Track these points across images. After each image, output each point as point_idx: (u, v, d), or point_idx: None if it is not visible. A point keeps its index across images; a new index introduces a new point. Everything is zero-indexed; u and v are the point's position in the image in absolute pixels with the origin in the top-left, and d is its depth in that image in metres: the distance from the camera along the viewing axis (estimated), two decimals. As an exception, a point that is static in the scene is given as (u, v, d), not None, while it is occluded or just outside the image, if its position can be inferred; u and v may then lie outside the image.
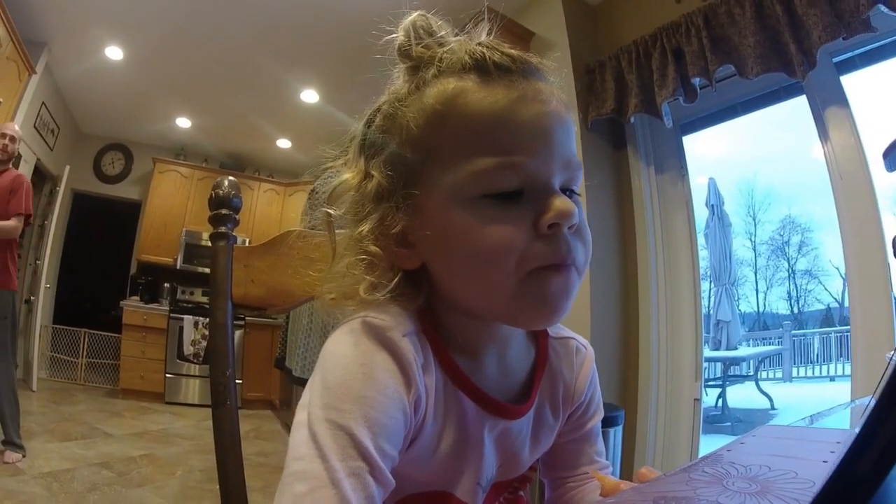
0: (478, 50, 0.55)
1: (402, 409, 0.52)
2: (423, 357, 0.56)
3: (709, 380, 6.15)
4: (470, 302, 0.57)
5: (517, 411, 0.62)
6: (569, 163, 0.56)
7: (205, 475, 3.46)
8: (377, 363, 0.52)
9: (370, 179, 0.58)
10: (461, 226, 0.52)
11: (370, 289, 0.58)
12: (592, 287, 2.95)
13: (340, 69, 4.52)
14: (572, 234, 0.55)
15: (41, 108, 5.09)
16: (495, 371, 0.62)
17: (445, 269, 0.57)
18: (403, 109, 0.56)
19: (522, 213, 0.52)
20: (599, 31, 3.52)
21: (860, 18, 2.18)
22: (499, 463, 0.64)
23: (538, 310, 0.55)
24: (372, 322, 0.54)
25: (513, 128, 0.52)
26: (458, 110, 0.53)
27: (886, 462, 0.23)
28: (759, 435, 0.63)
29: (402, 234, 0.57)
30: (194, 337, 5.98)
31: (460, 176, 0.52)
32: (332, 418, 0.48)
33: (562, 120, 0.56)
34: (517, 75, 0.54)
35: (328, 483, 0.45)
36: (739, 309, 8.26)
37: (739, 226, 14.94)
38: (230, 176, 1.01)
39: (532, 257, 0.52)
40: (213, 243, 0.90)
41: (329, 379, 0.51)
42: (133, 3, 3.97)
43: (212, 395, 0.83)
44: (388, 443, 0.49)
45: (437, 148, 0.54)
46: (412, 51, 0.58)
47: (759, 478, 0.42)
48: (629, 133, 3.29)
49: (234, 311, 0.89)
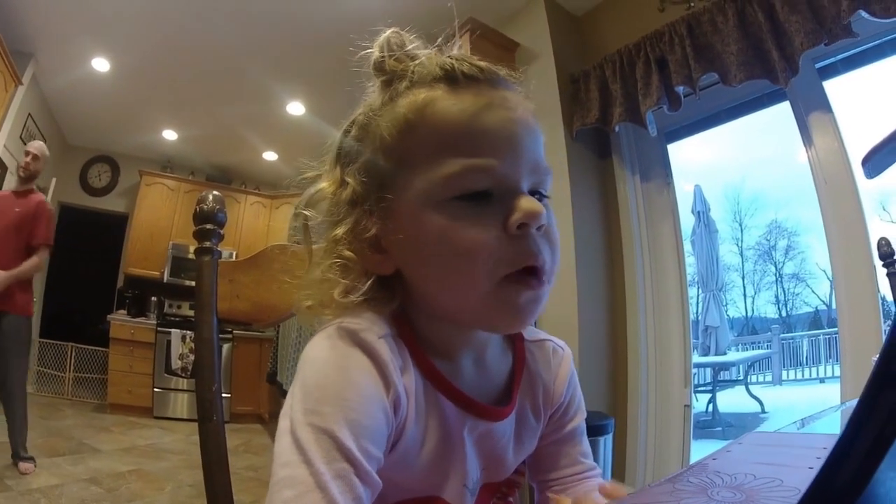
0: (447, 62, 0.57)
1: (382, 409, 0.52)
2: (400, 359, 0.57)
3: (698, 385, 6.17)
4: (443, 304, 0.58)
5: (499, 413, 0.63)
6: (536, 167, 0.58)
7: (194, 490, 3.43)
8: (354, 365, 0.53)
9: (345, 187, 0.60)
10: (433, 228, 0.54)
11: (344, 292, 0.59)
12: (580, 296, 2.95)
13: (326, 81, 4.52)
14: (541, 236, 0.56)
15: (27, 119, 5.04)
16: (473, 374, 0.63)
17: (418, 272, 0.58)
18: (377, 119, 0.59)
19: (492, 215, 0.54)
20: (584, 41, 3.54)
21: (841, 24, 2.21)
22: (483, 465, 0.64)
23: (509, 317, 0.56)
24: (347, 326, 0.55)
25: (480, 132, 0.54)
26: (428, 118, 0.55)
27: (866, 470, 0.23)
28: (746, 442, 0.63)
29: (376, 239, 0.59)
30: (182, 351, 5.93)
31: (431, 179, 0.54)
32: (314, 422, 0.49)
33: (528, 126, 0.58)
34: (485, 84, 0.57)
35: (315, 487, 0.45)
36: (727, 314, 8.31)
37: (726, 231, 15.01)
38: (216, 189, 1.00)
39: (503, 259, 0.53)
40: (197, 258, 0.90)
41: (308, 384, 0.52)
42: (120, 15, 3.96)
43: (198, 410, 0.83)
44: (372, 443, 0.50)
45: (408, 154, 0.56)
46: (385, 65, 0.60)
47: (744, 486, 0.42)
48: (614, 142, 3.31)
49: (220, 325, 0.89)
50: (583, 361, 2.88)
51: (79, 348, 6.39)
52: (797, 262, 15.45)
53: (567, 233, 3.02)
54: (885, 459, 0.23)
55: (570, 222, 3.02)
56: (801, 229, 14.61)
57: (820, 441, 0.62)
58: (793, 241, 15.43)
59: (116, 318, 6.11)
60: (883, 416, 0.23)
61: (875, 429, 0.23)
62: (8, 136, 4.50)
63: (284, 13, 3.88)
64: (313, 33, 4.01)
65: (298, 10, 3.84)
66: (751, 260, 16.20)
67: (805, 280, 15.18)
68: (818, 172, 2.54)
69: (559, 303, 2.97)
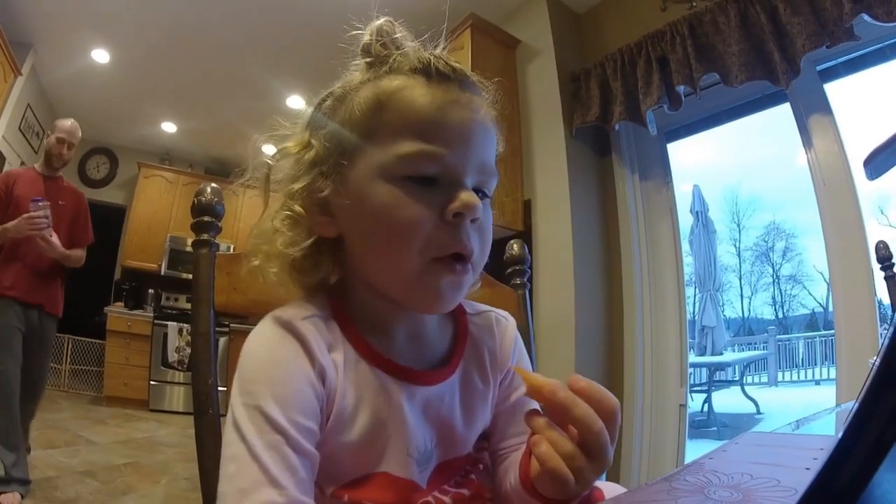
0: (426, 57, 0.62)
1: (307, 382, 0.57)
2: (330, 336, 0.62)
3: (694, 385, 6.17)
4: (374, 275, 0.63)
5: (433, 377, 0.66)
6: (483, 167, 0.62)
7: (190, 483, 3.43)
8: (278, 345, 0.59)
9: (310, 149, 0.65)
10: (378, 198, 0.59)
11: (287, 243, 0.64)
12: (577, 293, 2.95)
13: (326, 75, 4.45)
14: (473, 229, 0.60)
15: (26, 110, 5.04)
16: (407, 346, 0.67)
17: (357, 239, 0.63)
18: (352, 94, 0.64)
19: (433, 199, 0.58)
20: (585, 39, 3.54)
21: (844, 27, 2.21)
22: (434, 436, 0.65)
23: (430, 299, 0.61)
24: (275, 314, 0.62)
25: (440, 124, 0.59)
26: (397, 101, 0.60)
27: (866, 472, 0.23)
28: (742, 442, 0.63)
29: (326, 201, 0.64)
30: (179, 344, 5.94)
31: (386, 155, 0.59)
32: (247, 401, 0.55)
33: (485, 129, 0.63)
34: (454, 84, 0.62)
35: (250, 459, 0.51)
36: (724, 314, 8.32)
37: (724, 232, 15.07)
38: (214, 182, 1.00)
39: (435, 242, 0.58)
40: (195, 251, 0.90)
41: (242, 369, 0.58)
42: (120, 6, 3.95)
43: (194, 404, 0.83)
44: (301, 414, 0.55)
45: (372, 130, 0.61)
46: (372, 48, 0.65)
47: (741, 486, 0.42)
48: (614, 140, 3.31)
49: (216, 318, 0.89)
50: (579, 360, 2.88)
51: (75, 340, 6.40)
52: (794, 264, 15.50)
53: (565, 230, 3.02)
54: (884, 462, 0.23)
55: (568, 220, 3.02)
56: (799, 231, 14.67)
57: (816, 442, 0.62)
58: (790, 242, 15.49)
59: (113, 311, 6.11)
60: (883, 418, 0.23)
61: (875, 431, 0.23)
62: (6, 126, 4.50)
63: (284, 6, 3.87)
64: (313, 27, 4.00)
65: (298, 3, 3.83)
66: (748, 261, 16.26)
67: (802, 282, 15.24)
68: (817, 174, 2.54)
69: (556, 300, 2.97)
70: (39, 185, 3.05)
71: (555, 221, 3.12)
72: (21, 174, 3.10)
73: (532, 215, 3.27)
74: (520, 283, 1.19)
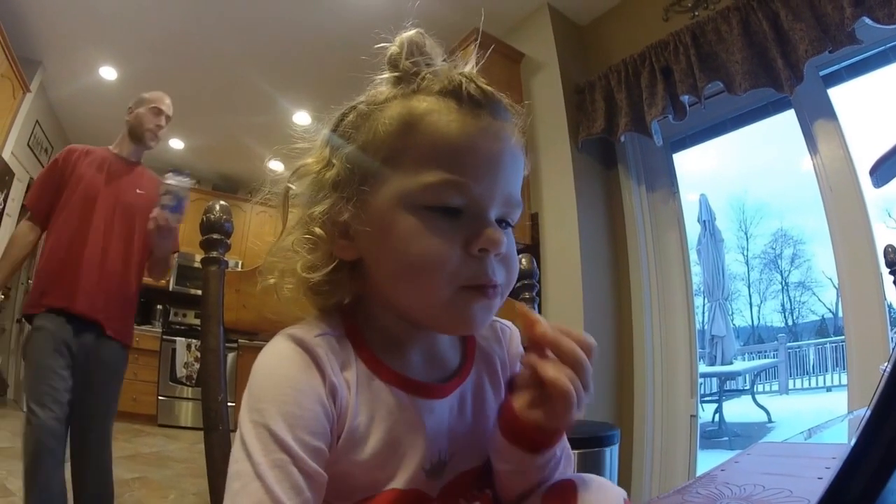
0: (457, 78, 0.59)
1: (317, 400, 0.56)
2: (342, 354, 0.61)
3: (705, 395, 6.14)
4: (396, 301, 0.62)
5: (445, 389, 0.65)
6: (509, 199, 0.61)
7: (198, 499, 3.42)
8: (290, 362, 0.57)
9: (330, 168, 0.63)
10: (401, 228, 0.57)
11: (307, 268, 0.63)
12: (586, 305, 2.94)
13: (333, 91, 4.50)
14: (498, 261, 0.60)
15: (35, 126, 5.07)
16: (422, 363, 0.66)
17: (379, 265, 0.61)
18: (377, 113, 0.61)
19: (457, 232, 0.57)
20: (589, 51, 3.55)
21: (845, 31, 2.21)
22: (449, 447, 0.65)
23: (462, 323, 0.60)
24: (287, 332, 0.60)
25: (468, 154, 0.57)
26: (425, 126, 0.58)
27: (878, 481, 0.23)
28: (754, 453, 0.63)
29: (346, 226, 0.61)
30: (187, 359, 5.94)
31: (411, 183, 0.57)
32: (255, 419, 0.54)
33: (514, 159, 0.61)
34: (486, 110, 0.59)
35: (255, 477, 0.50)
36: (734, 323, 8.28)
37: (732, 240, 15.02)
38: (222, 199, 1.01)
39: (459, 274, 0.57)
40: (204, 268, 0.90)
41: (252, 387, 0.57)
42: (128, 24, 3.99)
43: (204, 420, 0.83)
44: (309, 434, 0.54)
45: (397, 154, 0.59)
46: (401, 63, 0.62)
47: (753, 497, 0.42)
48: (619, 152, 3.31)
49: (226, 335, 0.89)
50: (588, 371, 2.87)
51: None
52: (803, 271, 15.42)
53: (573, 242, 3.02)
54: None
55: (575, 232, 3.02)
56: (807, 237, 14.60)
57: (828, 451, 0.62)
58: (798, 249, 15.42)
59: (122, 327, 6.08)
60: (895, 426, 0.23)
61: (887, 439, 0.23)
62: (16, 142, 4.53)
63: (290, 23, 3.90)
64: (320, 43, 4.03)
65: (305, 21, 3.86)
66: (756, 269, 16.18)
67: (811, 288, 15.15)
68: (823, 180, 2.54)
69: (565, 313, 2.96)
70: (114, 169, 2.47)
71: (562, 234, 3.12)
72: (92, 151, 2.49)
73: (540, 228, 3.26)
74: (529, 297, 1.19)
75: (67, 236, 2.32)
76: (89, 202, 2.37)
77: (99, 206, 2.38)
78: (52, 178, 2.40)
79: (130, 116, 2.58)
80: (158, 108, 2.58)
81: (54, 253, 2.31)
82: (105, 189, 2.41)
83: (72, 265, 2.28)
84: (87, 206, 2.36)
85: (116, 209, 2.42)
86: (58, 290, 2.26)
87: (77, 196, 2.36)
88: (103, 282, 2.32)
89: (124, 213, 2.43)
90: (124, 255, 2.42)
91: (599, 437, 2.31)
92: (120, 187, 2.46)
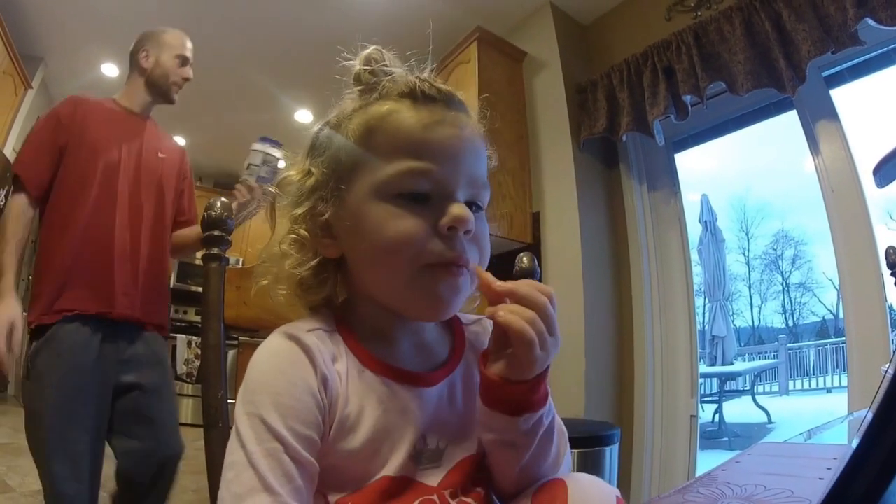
0: (412, 81, 0.65)
1: (309, 391, 0.59)
2: (334, 348, 0.65)
3: (705, 395, 6.14)
4: (375, 289, 0.66)
5: (435, 377, 0.68)
6: (474, 180, 0.65)
7: (197, 496, 3.42)
8: (282, 356, 0.61)
9: (310, 176, 0.69)
10: (373, 217, 0.62)
11: (295, 265, 0.68)
12: (586, 305, 2.94)
13: (334, 89, 4.51)
14: (468, 240, 0.63)
15: (36, 123, 5.07)
16: (411, 352, 0.69)
17: (357, 257, 0.66)
18: (346, 122, 0.67)
19: (427, 214, 0.61)
20: (591, 50, 3.55)
21: (848, 32, 2.21)
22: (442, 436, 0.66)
23: (428, 303, 0.63)
24: (282, 328, 0.65)
25: (429, 142, 0.62)
26: (387, 124, 0.64)
27: (881, 482, 0.23)
28: (755, 453, 0.63)
29: (328, 224, 0.67)
30: (187, 356, 5.94)
31: (380, 175, 0.62)
32: (249, 410, 0.57)
33: (473, 144, 0.66)
34: (441, 104, 0.65)
35: (248, 466, 0.54)
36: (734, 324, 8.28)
37: (733, 241, 15.06)
38: (223, 196, 1.01)
39: (428, 252, 0.60)
40: (205, 265, 0.90)
41: (247, 380, 0.60)
42: (129, 21, 3.97)
43: (204, 417, 0.83)
44: (300, 423, 0.57)
45: (365, 154, 0.64)
46: (362, 77, 0.69)
47: (754, 497, 0.42)
48: (621, 151, 3.31)
49: (226, 332, 0.89)
50: (589, 371, 2.87)
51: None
52: (804, 272, 15.45)
53: (574, 242, 3.02)
54: (900, 471, 0.22)
55: (577, 231, 3.02)
56: (808, 238, 14.63)
57: (828, 452, 0.62)
58: (799, 250, 15.45)
59: (122, 324, 6.07)
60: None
61: (891, 440, 0.23)
62: (17, 139, 4.52)
63: (292, 20, 3.90)
64: (321, 41, 4.02)
65: (305, 18, 3.86)
66: (757, 269, 16.21)
67: (812, 289, 15.18)
68: (825, 181, 2.53)
69: (566, 312, 2.96)
70: (128, 127, 1.99)
71: (564, 233, 3.11)
72: (99, 104, 1.96)
73: (541, 227, 3.26)
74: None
75: (86, 217, 1.79)
76: (110, 172, 1.86)
77: (122, 178, 1.88)
78: (55, 138, 1.83)
79: (148, 62, 2.06)
80: (185, 57, 2.15)
81: (71, 239, 1.76)
82: (126, 155, 1.91)
83: (102, 255, 1.78)
84: (107, 177, 1.85)
85: (142, 180, 1.94)
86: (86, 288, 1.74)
87: (91, 164, 1.83)
88: (138, 272, 1.84)
89: (151, 185, 1.96)
90: (156, 237, 1.95)
91: (599, 436, 2.31)
92: (140, 151, 1.97)
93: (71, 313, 1.70)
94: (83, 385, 1.68)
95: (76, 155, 1.82)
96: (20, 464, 3.36)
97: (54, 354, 1.67)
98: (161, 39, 2.10)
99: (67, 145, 1.82)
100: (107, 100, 2.00)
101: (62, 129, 1.83)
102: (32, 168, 1.80)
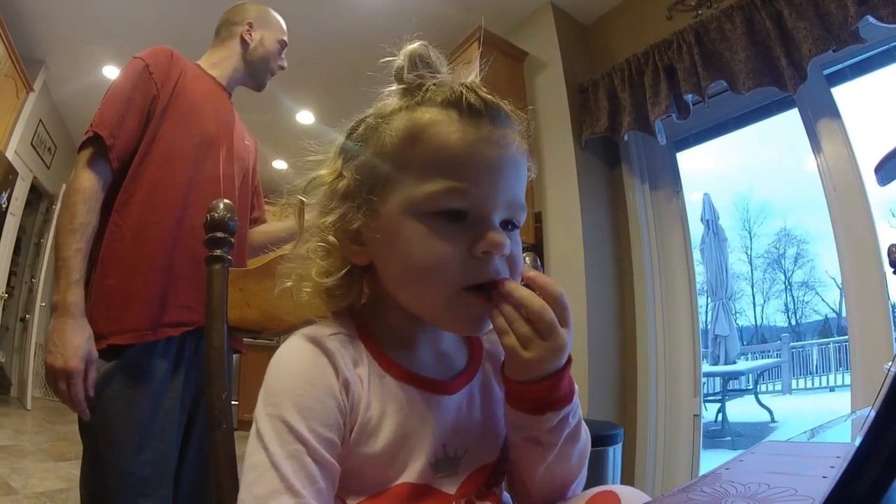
0: (458, 89, 0.62)
1: (331, 394, 0.59)
2: (354, 352, 0.64)
3: (708, 395, 6.13)
4: (406, 303, 0.65)
5: (454, 385, 0.68)
6: (512, 203, 0.63)
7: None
8: (305, 359, 0.61)
9: (342, 179, 0.66)
10: (408, 234, 0.60)
11: (322, 273, 0.66)
12: (589, 304, 2.94)
13: (336, 91, 4.53)
14: (503, 261, 0.62)
15: (38, 125, 5.08)
16: (431, 360, 0.69)
17: (388, 269, 0.65)
18: (384, 125, 0.64)
19: (462, 236, 0.60)
20: (592, 50, 3.55)
21: (849, 30, 2.21)
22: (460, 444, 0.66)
23: (466, 323, 0.63)
24: (303, 331, 0.64)
25: (470, 162, 0.60)
26: (428, 136, 0.61)
27: (885, 480, 0.23)
28: (759, 452, 0.63)
29: (358, 233, 0.65)
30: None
31: (417, 192, 0.60)
32: (270, 412, 0.57)
33: (514, 164, 0.63)
34: (486, 119, 0.61)
35: (270, 467, 0.53)
36: (737, 323, 8.27)
37: (735, 240, 15.05)
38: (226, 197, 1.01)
39: (463, 275, 0.60)
40: (208, 267, 0.90)
41: (269, 381, 0.60)
42: (130, 23, 3.99)
43: (208, 418, 0.83)
44: (322, 426, 0.57)
45: (403, 164, 0.62)
46: (405, 76, 0.65)
47: (758, 496, 0.42)
48: (623, 151, 3.31)
49: (229, 333, 0.89)
50: (592, 371, 2.87)
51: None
52: (806, 270, 15.44)
53: (576, 242, 3.02)
54: (903, 469, 0.22)
55: (579, 231, 3.02)
56: (811, 237, 14.62)
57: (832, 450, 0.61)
58: (802, 248, 15.44)
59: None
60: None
61: (894, 439, 0.23)
62: (19, 141, 4.54)
63: (293, 23, 3.89)
64: (323, 43, 4.03)
65: (308, 21, 3.85)
66: (760, 268, 16.20)
67: (814, 288, 15.16)
68: (827, 179, 2.53)
69: (568, 311, 2.96)
70: (220, 99, 1.71)
71: (566, 233, 3.12)
72: (188, 66, 1.63)
73: (543, 227, 3.27)
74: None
75: (181, 200, 1.43)
76: (208, 149, 1.52)
77: (223, 159, 1.55)
78: (144, 95, 1.43)
79: (252, 38, 1.79)
80: (286, 43, 1.88)
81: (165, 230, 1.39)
82: (222, 133, 1.59)
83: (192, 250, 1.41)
84: (205, 155, 1.51)
85: (235, 166, 1.62)
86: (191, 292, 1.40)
87: (186, 135, 1.47)
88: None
89: (240, 173, 1.66)
90: (242, 233, 1.62)
91: (603, 436, 2.31)
92: (232, 133, 1.66)
93: (177, 330, 1.36)
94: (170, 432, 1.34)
95: (167, 122, 1.45)
96: (23, 465, 3.36)
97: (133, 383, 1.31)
98: (268, 17, 1.84)
99: (157, 106, 1.44)
100: (195, 64, 1.70)
101: (154, 88, 1.45)
102: (115, 132, 1.37)
